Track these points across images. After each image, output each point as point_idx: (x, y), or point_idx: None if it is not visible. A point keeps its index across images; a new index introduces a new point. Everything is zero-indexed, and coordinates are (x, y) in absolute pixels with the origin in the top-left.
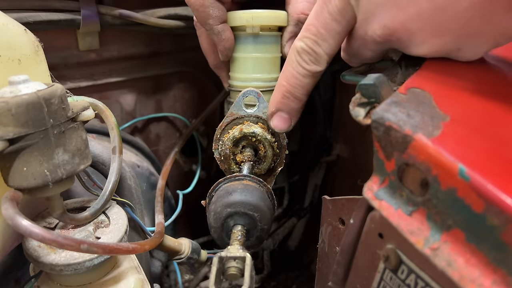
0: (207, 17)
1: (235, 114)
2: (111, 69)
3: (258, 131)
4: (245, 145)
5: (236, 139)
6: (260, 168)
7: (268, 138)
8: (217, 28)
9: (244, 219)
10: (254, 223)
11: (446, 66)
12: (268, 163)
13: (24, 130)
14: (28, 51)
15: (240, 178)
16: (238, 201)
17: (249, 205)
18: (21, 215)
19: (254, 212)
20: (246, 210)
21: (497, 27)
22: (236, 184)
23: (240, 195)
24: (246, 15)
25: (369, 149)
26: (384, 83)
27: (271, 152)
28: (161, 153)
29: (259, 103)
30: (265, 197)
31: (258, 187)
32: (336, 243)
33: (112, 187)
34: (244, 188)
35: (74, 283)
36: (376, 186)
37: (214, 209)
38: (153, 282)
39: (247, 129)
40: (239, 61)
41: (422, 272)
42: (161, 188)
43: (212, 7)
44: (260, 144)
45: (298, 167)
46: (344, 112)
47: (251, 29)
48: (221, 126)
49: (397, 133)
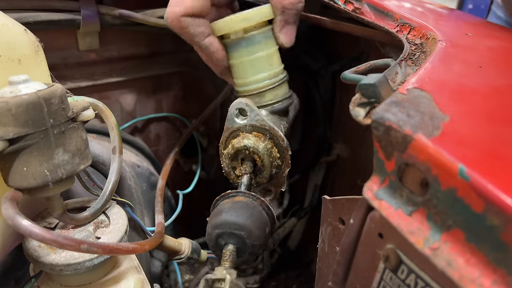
0: (191, 37)
1: (230, 128)
2: (111, 69)
3: (249, 143)
4: (244, 157)
5: (231, 155)
6: (261, 177)
7: (261, 148)
8: (204, 44)
9: (232, 238)
10: (243, 241)
11: (446, 66)
12: (268, 171)
13: (24, 130)
14: (28, 51)
15: (233, 195)
16: (224, 221)
17: (234, 224)
18: (21, 215)
19: (240, 231)
20: (233, 230)
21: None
22: (226, 202)
23: (226, 214)
24: (225, 22)
25: (369, 149)
26: (384, 83)
27: (268, 160)
28: (161, 153)
29: (249, 112)
30: (255, 212)
31: (250, 202)
32: (336, 243)
33: (112, 187)
34: (231, 207)
35: (74, 283)
36: (376, 186)
37: (207, 230)
38: (153, 282)
39: (238, 143)
40: (237, 67)
41: (422, 272)
42: (161, 188)
43: (192, 25)
44: (254, 155)
45: (298, 167)
46: (344, 112)
47: (235, 34)
48: (221, 143)
49: (397, 133)
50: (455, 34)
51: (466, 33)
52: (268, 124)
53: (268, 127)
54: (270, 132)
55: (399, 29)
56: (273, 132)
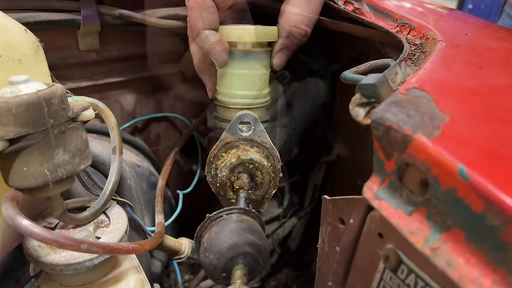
0: (198, 19)
1: (229, 138)
2: (111, 69)
3: (256, 158)
4: (241, 171)
5: (233, 165)
6: (256, 195)
7: (265, 164)
8: (204, 33)
9: (243, 258)
10: (255, 258)
11: (446, 66)
12: (265, 190)
13: (24, 130)
14: (28, 51)
15: (219, 217)
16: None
17: (248, 245)
18: (21, 215)
19: (251, 248)
20: (246, 249)
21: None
22: (211, 226)
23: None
24: (238, 31)
25: (369, 149)
26: (384, 83)
27: (268, 178)
28: (161, 153)
29: (254, 127)
30: (257, 232)
31: (252, 222)
32: (336, 243)
33: (112, 187)
34: (208, 237)
35: (74, 283)
36: (376, 186)
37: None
38: (153, 282)
39: (244, 155)
40: (227, 76)
41: (422, 272)
42: (161, 188)
43: (207, 11)
44: (257, 170)
45: (298, 167)
46: (344, 112)
47: (242, 45)
48: (214, 150)
49: (397, 133)
50: (455, 34)
51: (466, 33)
52: (269, 143)
53: (268, 146)
54: (268, 150)
55: (399, 29)
56: (272, 152)
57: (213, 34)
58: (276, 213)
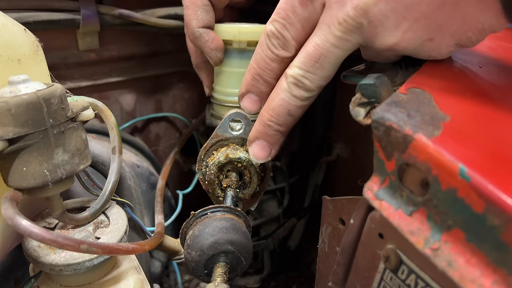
0: (192, 17)
1: (220, 136)
2: (111, 69)
3: (243, 157)
4: (230, 169)
5: (221, 164)
6: (244, 193)
7: (254, 164)
8: (198, 31)
9: (224, 256)
10: (236, 256)
11: (446, 66)
12: (253, 189)
13: (23, 130)
14: (28, 51)
15: (203, 214)
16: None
17: (229, 243)
18: (21, 215)
19: (233, 247)
20: (227, 247)
21: (468, 18)
22: (195, 224)
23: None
24: (234, 29)
25: (369, 149)
26: (384, 83)
27: (256, 178)
28: (161, 153)
29: (245, 126)
30: (241, 232)
31: (237, 221)
32: (336, 243)
33: (112, 187)
34: (192, 234)
35: (74, 283)
36: (376, 186)
37: (191, 254)
38: (153, 282)
39: (233, 154)
40: (222, 75)
41: (423, 272)
42: (161, 188)
43: (201, 10)
44: (245, 170)
45: (298, 167)
46: (344, 112)
47: (238, 44)
48: (205, 148)
49: (397, 133)
50: None
51: None
52: None
53: None
54: None
55: None
56: None
57: (208, 32)
58: (276, 213)
